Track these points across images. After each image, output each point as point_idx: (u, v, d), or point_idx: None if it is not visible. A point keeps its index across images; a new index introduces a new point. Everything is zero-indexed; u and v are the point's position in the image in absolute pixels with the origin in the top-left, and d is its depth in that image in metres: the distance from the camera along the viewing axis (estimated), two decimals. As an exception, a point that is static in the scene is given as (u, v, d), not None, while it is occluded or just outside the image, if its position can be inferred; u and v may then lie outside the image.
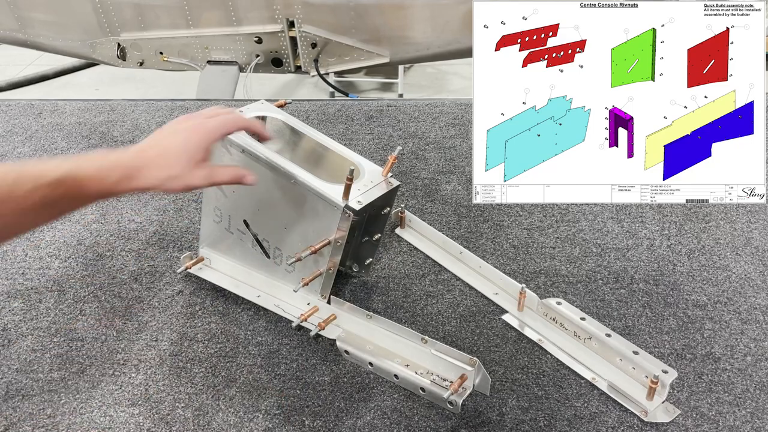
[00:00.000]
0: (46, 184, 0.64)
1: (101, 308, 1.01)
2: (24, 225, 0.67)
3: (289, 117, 1.00)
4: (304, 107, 1.60)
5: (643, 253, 1.10)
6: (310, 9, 1.81)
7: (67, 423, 0.83)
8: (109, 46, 1.95)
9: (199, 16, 1.92)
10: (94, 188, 0.67)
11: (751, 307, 0.99)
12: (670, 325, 0.96)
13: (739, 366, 0.89)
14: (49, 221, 0.69)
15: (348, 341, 0.90)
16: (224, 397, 0.86)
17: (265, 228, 0.97)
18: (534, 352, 0.92)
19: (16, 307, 1.01)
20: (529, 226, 1.17)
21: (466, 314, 0.98)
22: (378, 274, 1.06)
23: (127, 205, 1.25)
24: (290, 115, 1.01)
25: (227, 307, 1.00)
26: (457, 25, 1.76)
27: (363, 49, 1.89)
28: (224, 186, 0.96)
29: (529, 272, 1.07)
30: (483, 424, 0.82)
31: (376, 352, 0.88)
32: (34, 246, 1.15)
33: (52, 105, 1.62)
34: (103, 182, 0.68)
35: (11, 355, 0.93)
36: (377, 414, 0.84)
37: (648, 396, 0.82)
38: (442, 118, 1.53)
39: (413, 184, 1.29)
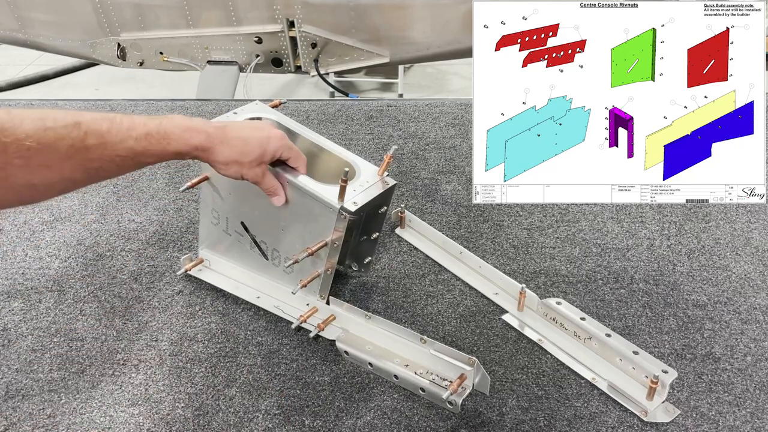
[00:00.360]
0: (135, 136, 0.69)
1: (101, 308, 1.01)
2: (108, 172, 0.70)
3: (283, 117, 1.00)
4: (304, 107, 1.60)
5: (643, 253, 1.10)
6: (310, 9, 1.81)
7: (67, 423, 0.83)
8: (109, 46, 1.95)
9: (199, 16, 1.92)
10: (176, 146, 0.73)
11: (751, 307, 0.99)
12: (670, 325, 0.96)
13: (739, 366, 0.89)
14: (128, 171, 0.73)
15: (347, 342, 0.90)
16: (224, 397, 0.86)
17: (262, 230, 0.97)
18: (534, 352, 0.92)
19: (16, 307, 1.01)
20: (529, 226, 1.17)
21: (466, 314, 0.98)
22: (378, 274, 1.06)
23: (127, 205, 1.25)
24: (285, 115, 1.01)
25: (227, 307, 1.00)
26: (457, 25, 1.76)
27: (363, 49, 1.89)
28: (220, 188, 0.96)
29: (529, 272, 1.07)
30: (483, 424, 0.82)
31: (376, 353, 0.88)
32: (34, 246, 1.15)
33: (52, 105, 1.62)
34: (186, 142, 0.74)
35: (11, 355, 0.93)
36: (377, 414, 0.83)
37: (648, 396, 0.82)
38: (442, 118, 1.53)
39: (413, 184, 1.29)
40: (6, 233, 1.18)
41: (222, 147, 0.77)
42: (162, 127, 0.72)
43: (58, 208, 1.25)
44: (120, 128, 0.68)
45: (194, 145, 0.75)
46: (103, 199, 1.27)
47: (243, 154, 0.78)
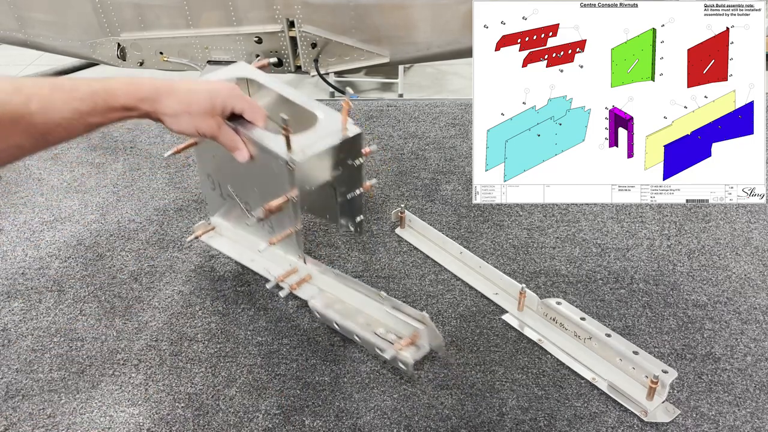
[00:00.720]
0: (79, 97, 0.68)
1: (101, 308, 1.01)
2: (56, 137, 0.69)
3: (257, 73, 0.97)
4: (304, 107, 1.60)
5: (643, 253, 1.10)
6: (310, 9, 1.81)
7: (67, 423, 0.83)
8: (109, 46, 1.95)
9: (199, 16, 1.92)
10: (122, 100, 0.72)
11: (751, 307, 0.99)
12: (670, 325, 0.96)
13: (739, 366, 0.89)
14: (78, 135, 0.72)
15: (319, 301, 0.89)
16: (224, 397, 0.86)
17: (243, 191, 0.96)
18: (534, 352, 0.92)
19: (16, 307, 1.01)
20: (529, 226, 1.17)
21: (466, 314, 0.98)
22: (378, 274, 1.06)
23: (127, 205, 1.25)
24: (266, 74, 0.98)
25: (227, 307, 1.00)
26: (457, 25, 1.76)
27: (363, 49, 1.89)
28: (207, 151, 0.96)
29: (529, 272, 1.07)
30: (483, 424, 0.82)
31: (344, 312, 0.86)
32: (34, 246, 1.15)
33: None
34: (132, 95, 0.73)
35: (11, 355, 0.93)
36: (377, 414, 0.83)
37: (648, 396, 0.82)
38: (442, 118, 1.53)
39: (413, 184, 1.29)
40: (6, 233, 1.18)
41: (169, 98, 0.75)
42: (107, 84, 0.71)
43: (58, 208, 1.25)
44: (63, 90, 0.67)
45: (140, 97, 0.73)
46: (103, 199, 1.27)
47: (191, 104, 0.77)
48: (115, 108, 0.72)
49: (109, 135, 1.50)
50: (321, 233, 1.16)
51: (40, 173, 1.36)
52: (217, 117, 0.80)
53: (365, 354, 0.91)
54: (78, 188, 1.31)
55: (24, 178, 1.34)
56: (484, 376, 0.88)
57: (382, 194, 1.26)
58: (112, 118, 0.73)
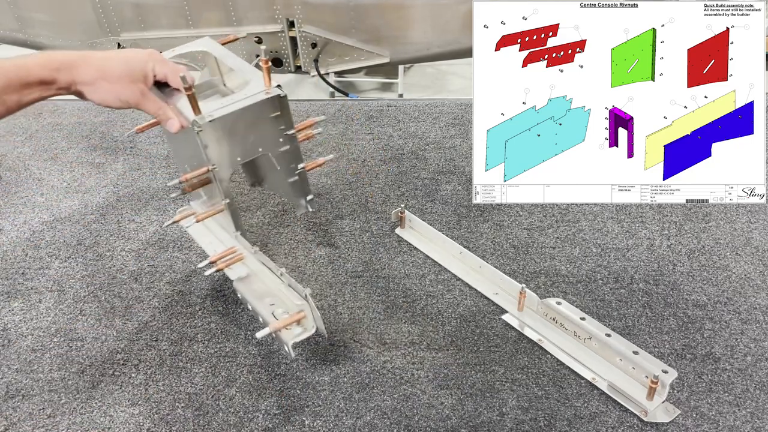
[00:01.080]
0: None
1: (101, 308, 1.01)
2: None
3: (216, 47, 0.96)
4: (304, 107, 1.60)
5: (643, 253, 1.10)
6: (310, 9, 1.81)
7: (67, 423, 0.83)
8: (109, 46, 1.94)
9: (199, 16, 1.92)
10: (37, 73, 0.71)
11: (751, 307, 0.99)
12: (670, 325, 0.96)
13: (739, 366, 0.89)
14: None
15: (242, 282, 0.87)
16: (224, 397, 0.86)
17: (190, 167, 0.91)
18: (534, 352, 0.92)
19: (16, 307, 1.01)
20: (529, 226, 1.17)
21: (466, 314, 0.98)
22: (378, 274, 1.06)
23: (127, 205, 1.25)
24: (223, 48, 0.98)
25: (227, 307, 1.00)
26: (457, 25, 1.76)
27: (363, 49, 1.89)
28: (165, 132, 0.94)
29: (529, 272, 1.07)
30: (483, 424, 0.82)
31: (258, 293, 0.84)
32: (34, 246, 1.15)
33: (52, 105, 1.62)
34: (46, 67, 0.72)
35: (11, 355, 0.93)
36: (377, 414, 0.83)
37: (648, 396, 0.82)
38: (442, 118, 1.53)
39: (413, 184, 1.29)
40: (6, 233, 1.18)
41: (85, 67, 0.74)
42: (19, 61, 0.71)
43: (58, 208, 1.25)
44: None
45: (54, 67, 0.73)
46: (103, 199, 1.27)
47: (105, 70, 0.75)
48: (30, 83, 0.72)
49: (109, 135, 1.50)
50: (321, 233, 1.16)
51: (40, 173, 1.36)
52: (139, 84, 0.77)
53: (365, 354, 0.91)
54: (78, 188, 1.31)
55: (24, 178, 1.34)
56: (484, 376, 0.88)
57: (382, 194, 1.26)
58: (31, 96, 0.72)
